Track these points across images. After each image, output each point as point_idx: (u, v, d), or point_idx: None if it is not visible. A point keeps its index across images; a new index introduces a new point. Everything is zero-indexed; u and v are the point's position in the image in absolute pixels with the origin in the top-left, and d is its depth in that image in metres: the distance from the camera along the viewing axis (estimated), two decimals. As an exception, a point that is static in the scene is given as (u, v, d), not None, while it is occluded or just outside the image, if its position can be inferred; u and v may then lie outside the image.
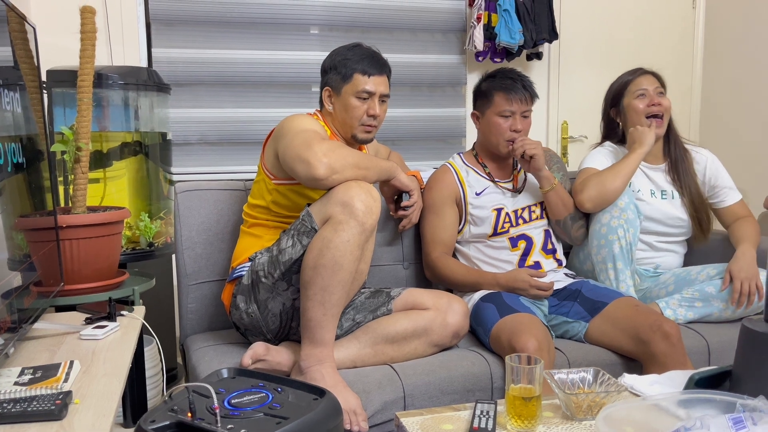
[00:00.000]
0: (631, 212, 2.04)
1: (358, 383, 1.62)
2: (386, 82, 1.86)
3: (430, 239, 2.07)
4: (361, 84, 1.81)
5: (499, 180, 2.10)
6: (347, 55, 1.83)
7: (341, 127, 1.87)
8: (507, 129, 2.00)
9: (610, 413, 1.13)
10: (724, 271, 2.06)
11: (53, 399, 1.07)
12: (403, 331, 1.74)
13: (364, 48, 1.87)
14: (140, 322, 1.61)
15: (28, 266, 1.40)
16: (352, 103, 1.82)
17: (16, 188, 1.37)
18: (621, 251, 2.03)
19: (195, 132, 2.93)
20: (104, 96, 2.19)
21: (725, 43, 3.54)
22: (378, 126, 1.87)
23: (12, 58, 1.39)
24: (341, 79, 1.82)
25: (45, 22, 2.45)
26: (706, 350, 1.90)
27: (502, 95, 1.99)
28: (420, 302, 1.81)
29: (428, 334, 1.76)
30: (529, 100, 2.01)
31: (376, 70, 1.83)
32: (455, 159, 2.17)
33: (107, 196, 2.16)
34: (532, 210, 2.08)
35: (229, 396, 1.24)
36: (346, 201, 1.56)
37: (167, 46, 2.84)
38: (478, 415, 1.27)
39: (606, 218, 2.04)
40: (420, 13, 3.16)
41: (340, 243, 1.54)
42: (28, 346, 1.42)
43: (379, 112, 1.84)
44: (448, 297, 1.83)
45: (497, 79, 2.03)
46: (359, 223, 1.55)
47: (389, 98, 1.89)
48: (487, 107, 2.03)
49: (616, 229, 2.02)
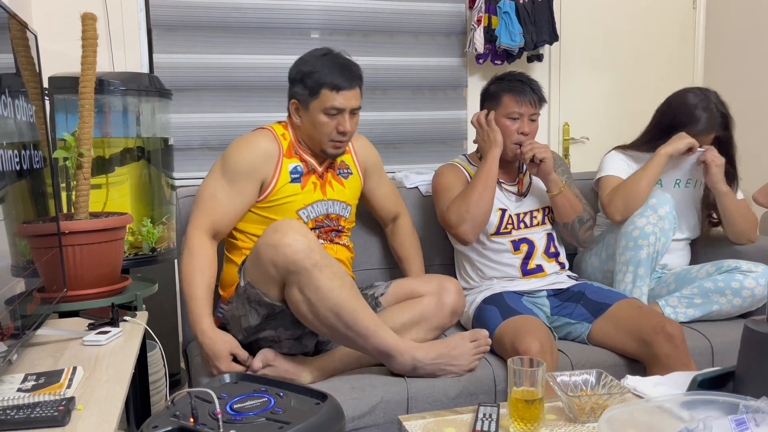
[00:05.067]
0: (668, 222, 2.00)
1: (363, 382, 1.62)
2: (357, 94, 1.76)
3: (444, 203, 2.02)
4: (330, 100, 1.72)
5: (504, 182, 2.09)
6: (315, 66, 1.74)
7: (309, 141, 1.82)
8: (514, 131, 1.99)
9: (613, 415, 1.13)
10: (722, 268, 2.06)
11: (56, 405, 1.07)
12: (400, 321, 1.74)
13: (333, 56, 1.77)
14: (143, 328, 1.61)
15: (31, 272, 1.40)
16: (320, 120, 1.74)
17: (19, 195, 1.37)
18: (647, 258, 2.00)
19: (197, 137, 2.93)
20: (106, 102, 2.20)
21: (726, 43, 3.54)
22: (349, 140, 1.81)
23: (14, 65, 1.40)
24: (308, 93, 1.74)
25: (46, 29, 2.45)
26: (709, 351, 1.90)
27: (511, 97, 1.98)
28: (414, 290, 1.82)
29: (428, 319, 1.77)
30: (537, 104, 2.01)
31: (346, 84, 1.73)
32: (461, 159, 2.16)
33: (109, 202, 2.17)
34: (534, 215, 2.07)
35: (231, 401, 1.24)
36: (288, 258, 1.49)
37: (168, 51, 2.85)
38: (480, 418, 1.27)
39: (641, 222, 2.01)
40: (420, 16, 3.16)
41: (323, 292, 1.52)
42: (32, 353, 1.42)
43: (349, 128, 1.76)
44: (438, 279, 1.84)
45: (506, 81, 2.03)
46: (315, 264, 1.51)
47: (360, 109, 1.80)
48: (495, 109, 2.02)
49: (648, 235, 1.99)
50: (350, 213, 1.93)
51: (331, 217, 1.87)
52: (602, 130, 3.51)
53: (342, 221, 1.90)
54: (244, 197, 1.77)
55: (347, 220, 1.92)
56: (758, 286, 1.99)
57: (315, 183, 1.85)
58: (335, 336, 1.60)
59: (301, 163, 1.83)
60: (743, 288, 2.00)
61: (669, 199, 2.03)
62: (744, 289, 2.00)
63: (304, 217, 1.82)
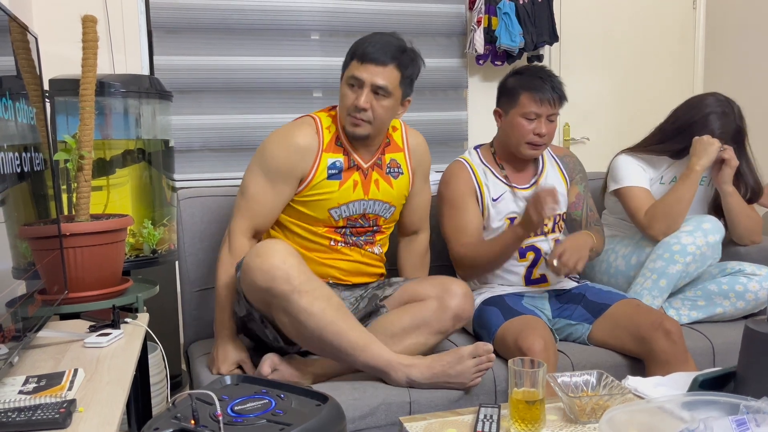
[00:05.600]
0: (711, 251, 1.98)
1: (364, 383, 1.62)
2: (387, 73, 1.66)
3: (452, 233, 1.94)
4: (352, 70, 1.68)
5: (516, 185, 1.99)
6: (363, 39, 1.71)
7: (341, 119, 1.76)
8: (530, 132, 1.89)
9: (613, 416, 1.13)
10: (726, 270, 2.05)
11: (57, 407, 1.07)
12: (401, 325, 1.69)
13: (385, 35, 1.73)
14: (144, 330, 1.61)
15: (32, 275, 1.40)
16: (343, 91, 1.71)
17: (20, 197, 1.37)
18: (676, 275, 1.97)
19: (197, 139, 2.94)
20: (106, 104, 2.20)
21: (726, 43, 3.54)
22: (370, 121, 1.70)
23: (15, 68, 1.40)
24: (344, 66, 1.73)
25: (47, 32, 2.45)
26: (710, 351, 1.90)
27: (529, 96, 1.88)
28: (418, 293, 1.74)
29: (428, 324, 1.69)
30: (557, 103, 1.90)
31: (375, 57, 1.65)
32: (472, 156, 2.04)
33: (110, 204, 2.17)
34: (544, 223, 1.98)
35: (232, 403, 1.25)
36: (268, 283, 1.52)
37: (169, 53, 2.86)
38: (481, 419, 1.27)
39: (687, 240, 1.97)
40: (421, 17, 3.17)
41: (304, 316, 1.53)
42: (33, 355, 1.43)
43: (364, 103, 1.66)
44: (443, 281, 1.74)
45: (525, 77, 1.92)
46: (294, 290, 1.52)
47: (391, 95, 1.69)
48: (512, 106, 1.91)
49: (687, 254, 1.96)
50: (392, 214, 1.86)
51: (368, 217, 1.82)
52: (603, 130, 3.51)
53: (381, 221, 1.85)
54: (283, 196, 1.75)
55: (387, 220, 1.86)
56: (762, 289, 1.99)
57: (357, 181, 1.78)
58: (324, 353, 1.61)
59: (343, 158, 1.76)
60: (747, 291, 1.99)
61: (721, 229, 2.00)
62: (748, 292, 1.99)
63: (336, 216, 1.77)
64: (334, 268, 1.82)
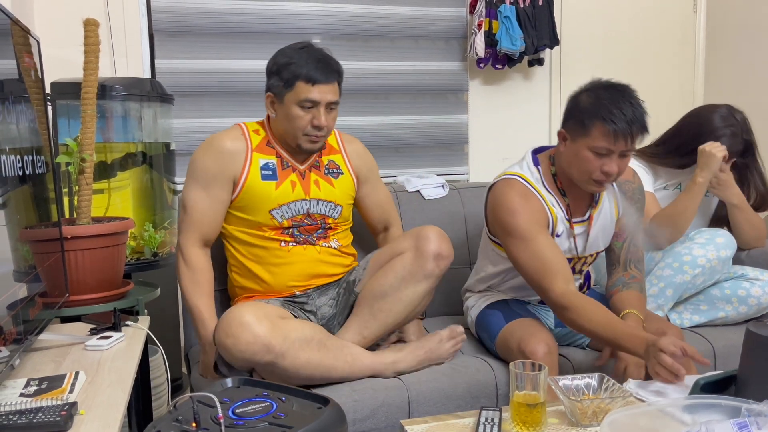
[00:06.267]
0: (721, 265, 1.98)
1: (364, 385, 1.62)
2: (335, 89, 1.72)
3: (539, 277, 1.65)
4: (304, 93, 1.68)
5: (575, 219, 1.78)
6: (292, 58, 1.70)
7: (285, 136, 1.77)
8: (597, 168, 1.63)
9: (615, 419, 1.13)
10: (729, 275, 2.05)
11: (58, 410, 1.07)
12: (387, 283, 1.71)
13: (313, 50, 1.73)
14: (145, 332, 1.61)
15: (33, 277, 1.40)
16: (294, 113, 1.70)
17: (21, 200, 1.38)
18: (682, 284, 1.97)
19: (198, 142, 2.90)
20: (108, 107, 2.20)
21: (726, 47, 3.54)
22: (326, 135, 1.76)
23: (17, 71, 1.41)
24: (283, 85, 1.70)
25: (49, 35, 2.45)
26: (711, 354, 1.90)
27: (603, 128, 1.59)
28: (394, 250, 1.76)
29: (413, 273, 1.70)
30: (635, 139, 1.61)
31: (323, 77, 1.68)
32: (534, 177, 1.75)
33: (111, 207, 2.17)
34: (587, 261, 1.86)
35: (233, 405, 1.25)
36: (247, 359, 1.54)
37: (170, 57, 2.86)
38: (482, 422, 1.27)
39: (699, 252, 1.96)
40: (421, 21, 3.17)
41: (291, 372, 1.57)
42: (34, 357, 1.43)
43: (325, 122, 1.71)
44: (414, 231, 1.76)
45: (603, 101, 1.62)
46: (276, 356, 1.54)
47: (338, 105, 1.76)
48: (580, 134, 1.64)
49: (697, 266, 1.95)
50: (340, 213, 1.87)
51: (314, 217, 1.82)
52: (603, 133, 3.50)
53: (329, 221, 1.84)
54: (221, 200, 1.77)
55: (336, 220, 1.86)
56: (765, 294, 1.98)
57: (294, 181, 1.79)
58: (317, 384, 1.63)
59: (275, 159, 1.79)
60: (750, 296, 1.99)
61: (734, 245, 2.00)
62: (750, 297, 1.99)
63: (278, 217, 1.78)
64: (294, 276, 1.81)
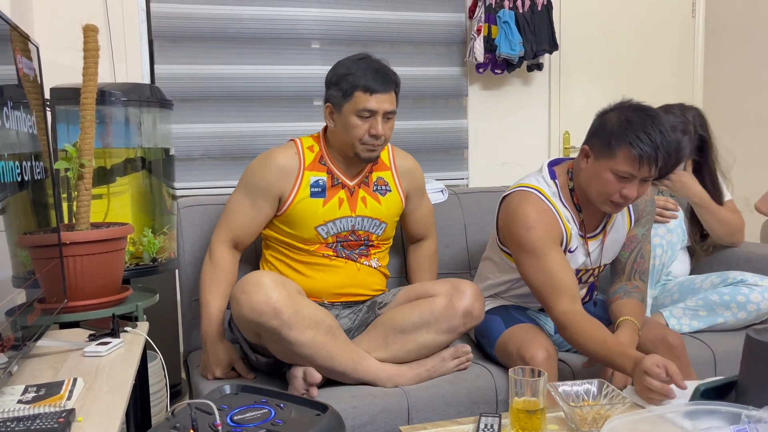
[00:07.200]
0: (676, 235, 2.00)
1: (363, 391, 1.62)
2: (392, 98, 1.75)
3: (546, 293, 1.66)
4: (362, 102, 1.70)
5: (589, 234, 1.78)
6: (350, 69, 1.73)
7: (343, 146, 1.78)
8: (617, 191, 1.61)
9: (615, 425, 1.13)
10: (728, 280, 2.05)
11: (56, 417, 1.07)
12: (410, 320, 1.69)
13: (371, 61, 1.76)
14: (144, 338, 1.61)
15: (31, 283, 1.40)
16: (352, 122, 1.72)
17: (20, 205, 1.37)
18: (652, 270, 1.99)
19: (197, 147, 2.94)
20: (107, 113, 2.21)
21: (725, 51, 3.55)
22: (383, 144, 1.78)
23: (16, 77, 1.41)
24: (342, 95, 1.72)
25: (48, 41, 2.46)
26: (711, 360, 1.89)
27: (629, 153, 1.55)
28: (427, 290, 1.76)
29: (438, 321, 1.68)
30: (659, 166, 1.58)
31: (380, 87, 1.71)
32: (551, 191, 1.73)
33: (111, 212, 2.17)
34: (595, 273, 1.86)
35: (231, 412, 1.24)
36: (255, 319, 1.56)
37: (169, 62, 2.86)
38: (482, 428, 1.27)
39: (756, 298, 1.97)
40: (421, 26, 3.18)
41: (295, 347, 1.57)
42: (32, 364, 1.42)
43: (382, 131, 1.73)
44: (453, 281, 1.75)
45: (632, 125, 1.57)
46: (283, 324, 1.55)
47: (395, 114, 1.78)
48: (604, 155, 1.60)
49: (655, 247, 1.97)
50: (384, 230, 1.87)
51: (358, 234, 1.84)
52: (603, 138, 3.51)
53: (373, 237, 1.86)
54: (262, 212, 1.81)
55: (380, 237, 1.87)
56: (764, 300, 1.98)
57: (342, 198, 1.81)
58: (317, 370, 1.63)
59: (326, 176, 1.81)
60: (749, 302, 1.98)
61: (680, 214, 2.02)
62: (750, 303, 1.98)
63: (324, 233, 1.80)
64: (330, 286, 1.82)
